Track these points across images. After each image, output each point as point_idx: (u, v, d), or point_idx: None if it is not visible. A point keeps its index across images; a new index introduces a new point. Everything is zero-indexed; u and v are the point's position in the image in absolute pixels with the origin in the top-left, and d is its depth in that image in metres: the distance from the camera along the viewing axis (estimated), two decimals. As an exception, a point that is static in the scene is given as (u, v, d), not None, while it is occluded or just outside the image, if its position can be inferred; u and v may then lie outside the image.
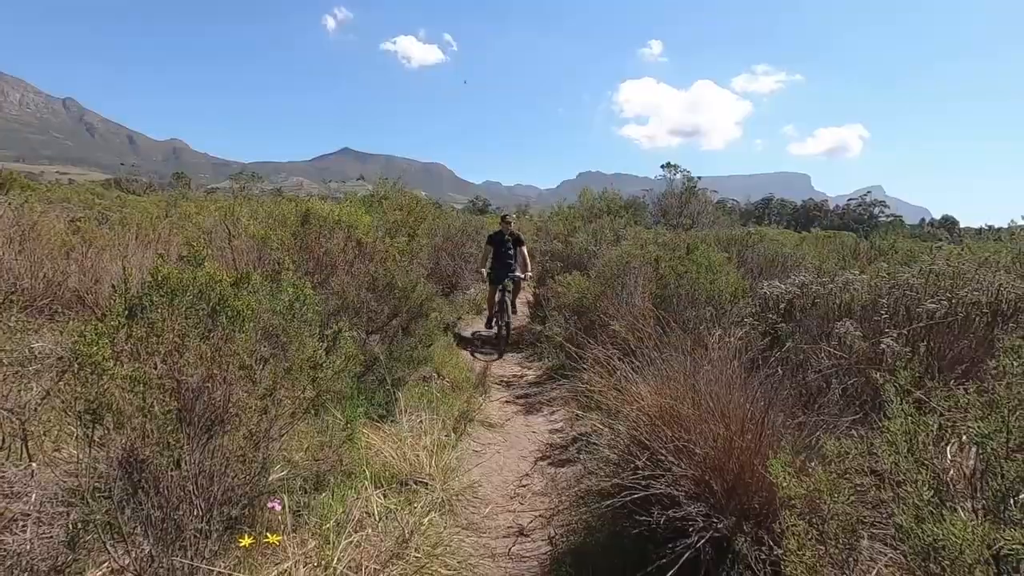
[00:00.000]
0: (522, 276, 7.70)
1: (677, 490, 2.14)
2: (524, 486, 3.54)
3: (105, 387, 1.64)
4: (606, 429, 2.63)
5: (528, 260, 7.86)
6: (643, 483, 2.18)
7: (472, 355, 6.92)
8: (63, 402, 1.68)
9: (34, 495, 1.61)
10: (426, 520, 2.81)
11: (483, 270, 7.71)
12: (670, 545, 2.06)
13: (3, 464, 1.69)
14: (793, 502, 1.81)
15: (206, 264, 2.53)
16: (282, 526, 2.40)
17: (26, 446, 2.05)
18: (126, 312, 2.11)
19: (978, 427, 1.54)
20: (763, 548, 2.05)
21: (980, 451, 1.62)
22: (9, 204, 5.04)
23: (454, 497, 3.19)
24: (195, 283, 2.21)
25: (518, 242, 7.78)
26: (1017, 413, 1.63)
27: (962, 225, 58.58)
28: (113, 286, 2.17)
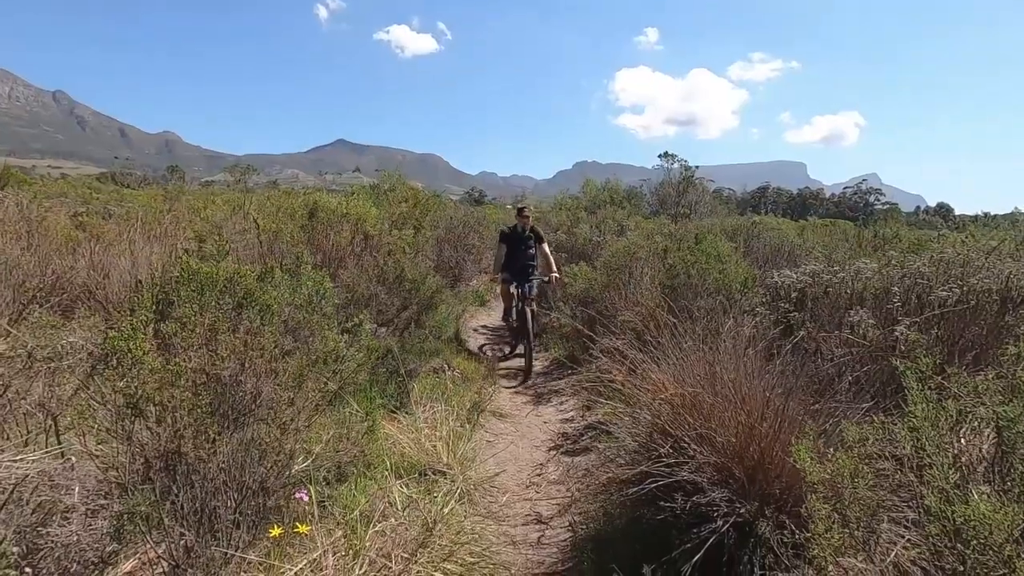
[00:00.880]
0: (546, 279, 6.45)
1: (701, 477, 2.18)
2: (539, 475, 3.59)
3: (144, 380, 1.66)
4: (627, 417, 2.67)
5: (552, 260, 6.53)
6: (668, 470, 2.22)
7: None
8: (101, 396, 1.70)
9: (76, 488, 1.64)
10: (447, 509, 2.85)
11: (499, 275, 6.45)
12: (695, 530, 2.11)
13: (43, 458, 1.71)
14: (816, 486, 1.85)
15: (227, 259, 2.56)
16: (309, 516, 2.44)
17: (58, 440, 2.08)
18: (154, 307, 2.13)
19: (1003, 411, 1.58)
20: (785, 532, 2.10)
21: (1003, 435, 1.67)
22: (15, 201, 5.02)
23: (473, 487, 3.24)
24: (221, 278, 2.23)
25: (539, 239, 6.56)
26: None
27: (957, 212, 58.77)
28: (140, 281, 2.19)
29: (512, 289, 6.32)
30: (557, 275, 6.43)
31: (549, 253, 6.54)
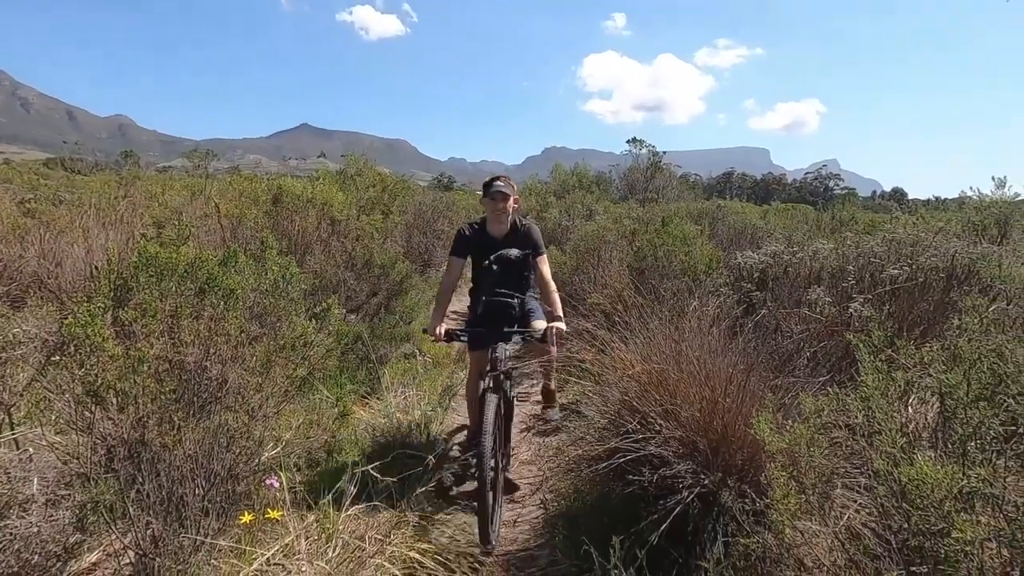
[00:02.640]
0: (537, 336, 3.09)
1: (667, 450, 2.25)
2: (512, 456, 3.63)
3: (104, 368, 1.61)
4: (596, 396, 2.73)
5: (555, 293, 3.26)
6: (636, 445, 2.28)
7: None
8: (58, 386, 1.65)
9: (35, 479, 1.59)
10: (420, 491, 2.88)
11: (440, 328, 3.03)
12: (661, 502, 2.18)
13: (-2, 450, 1.66)
14: (775, 455, 1.94)
15: (188, 244, 2.49)
16: (281, 502, 2.43)
17: (12, 429, 2.01)
18: (112, 293, 2.07)
19: (946, 379, 1.68)
20: (746, 500, 2.19)
21: (944, 401, 1.78)
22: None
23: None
24: (182, 263, 2.18)
25: (534, 249, 3.31)
26: (977, 366, 1.79)
27: (910, 197, 61.24)
28: (95, 267, 2.11)
29: (481, 384, 2.97)
30: (561, 325, 3.05)
31: (550, 279, 3.29)
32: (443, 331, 2.98)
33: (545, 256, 3.36)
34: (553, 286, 3.27)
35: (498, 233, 3.31)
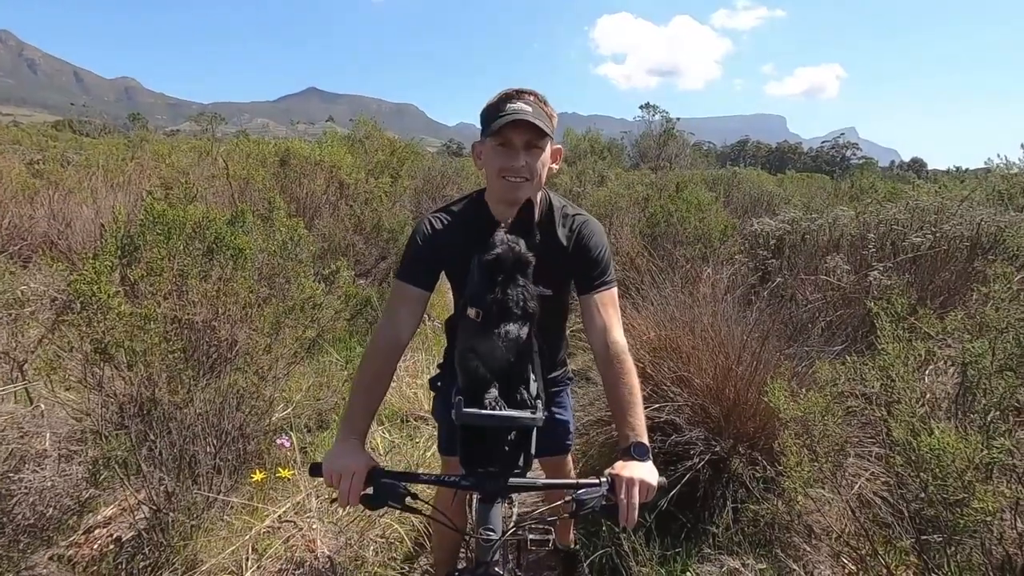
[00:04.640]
0: (599, 495, 1.03)
1: (679, 417, 2.24)
2: None
3: (112, 326, 1.60)
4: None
5: (630, 369, 1.26)
6: (650, 411, 2.27)
7: None
8: (68, 344, 1.65)
9: (48, 435, 1.60)
10: (429, 453, 2.90)
11: (354, 476, 1.02)
12: (672, 468, 2.18)
13: (8, 404, 1.66)
14: (789, 423, 1.91)
15: (195, 204, 2.45)
16: (291, 462, 2.46)
17: (26, 389, 2.02)
18: (119, 252, 2.04)
19: (971, 348, 1.63)
20: (756, 468, 2.18)
21: (967, 371, 1.73)
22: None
23: (454, 432, 3.29)
24: (189, 221, 2.14)
25: (590, 278, 1.36)
26: (1003, 336, 1.73)
27: (930, 167, 59.74)
28: (103, 225, 2.08)
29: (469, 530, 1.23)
30: (649, 474, 1.06)
31: (622, 343, 1.30)
32: (359, 483, 1.04)
33: (614, 291, 1.42)
34: (628, 362, 1.30)
35: (512, 227, 1.22)
